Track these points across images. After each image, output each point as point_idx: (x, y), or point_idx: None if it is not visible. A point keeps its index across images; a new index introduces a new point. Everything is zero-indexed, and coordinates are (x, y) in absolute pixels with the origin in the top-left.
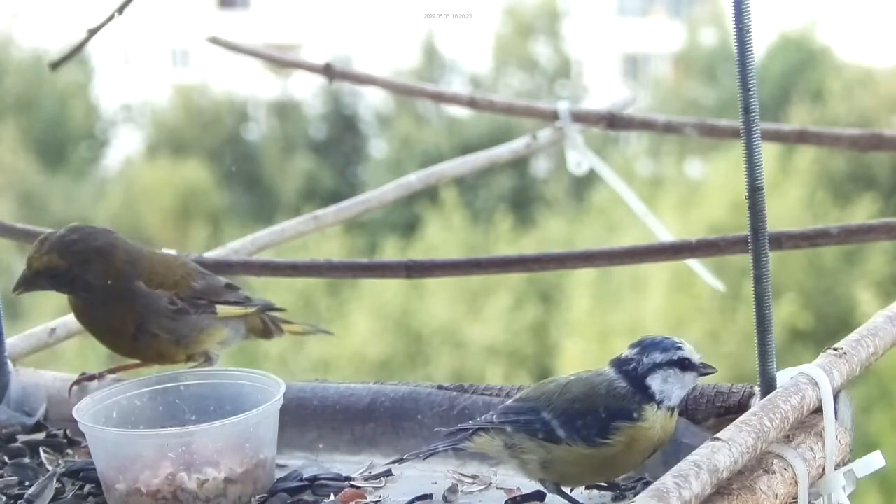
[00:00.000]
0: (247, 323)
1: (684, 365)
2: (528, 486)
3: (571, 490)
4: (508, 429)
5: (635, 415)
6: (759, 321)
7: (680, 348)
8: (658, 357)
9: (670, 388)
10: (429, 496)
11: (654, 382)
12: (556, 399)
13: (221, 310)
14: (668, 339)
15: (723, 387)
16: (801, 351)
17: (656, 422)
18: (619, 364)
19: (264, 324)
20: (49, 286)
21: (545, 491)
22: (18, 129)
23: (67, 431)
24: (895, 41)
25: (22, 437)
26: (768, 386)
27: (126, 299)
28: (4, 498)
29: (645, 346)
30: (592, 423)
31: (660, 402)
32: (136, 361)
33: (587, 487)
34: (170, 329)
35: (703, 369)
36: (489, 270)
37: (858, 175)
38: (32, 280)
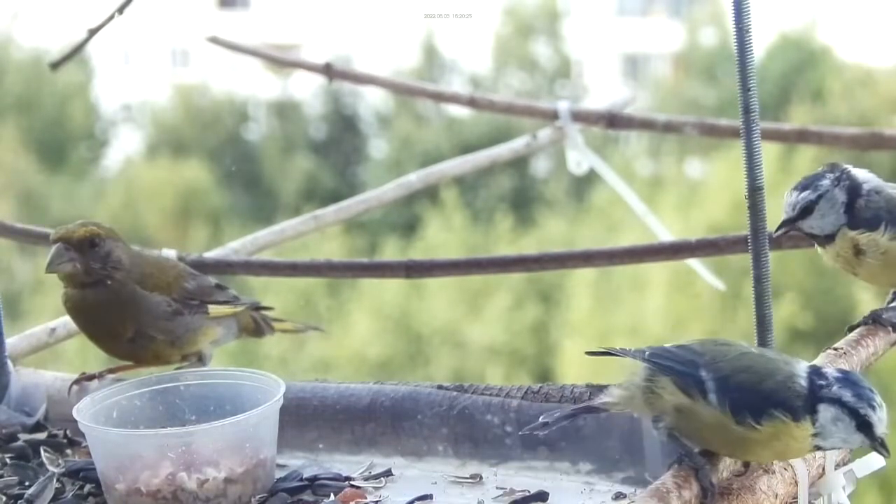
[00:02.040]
0: (238, 322)
1: (861, 424)
2: (529, 486)
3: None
4: (655, 369)
5: (798, 415)
6: (759, 321)
7: (873, 408)
8: (847, 396)
9: (834, 430)
10: (429, 496)
11: (825, 414)
12: (724, 361)
13: (213, 309)
14: (873, 392)
15: None
16: (801, 351)
17: (806, 438)
18: (814, 372)
19: (255, 322)
20: (82, 262)
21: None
22: (18, 129)
23: (67, 431)
24: (895, 41)
25: (22, 437)
26: None
27: (128, 302)
28: (4, 498)
29: (849, 378)
30: (751, 401)
31: (816, 434)
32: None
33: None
34: (166, 331)
35: (878, 446)
36: (489, 270)
37: None
38: (70, 252)
